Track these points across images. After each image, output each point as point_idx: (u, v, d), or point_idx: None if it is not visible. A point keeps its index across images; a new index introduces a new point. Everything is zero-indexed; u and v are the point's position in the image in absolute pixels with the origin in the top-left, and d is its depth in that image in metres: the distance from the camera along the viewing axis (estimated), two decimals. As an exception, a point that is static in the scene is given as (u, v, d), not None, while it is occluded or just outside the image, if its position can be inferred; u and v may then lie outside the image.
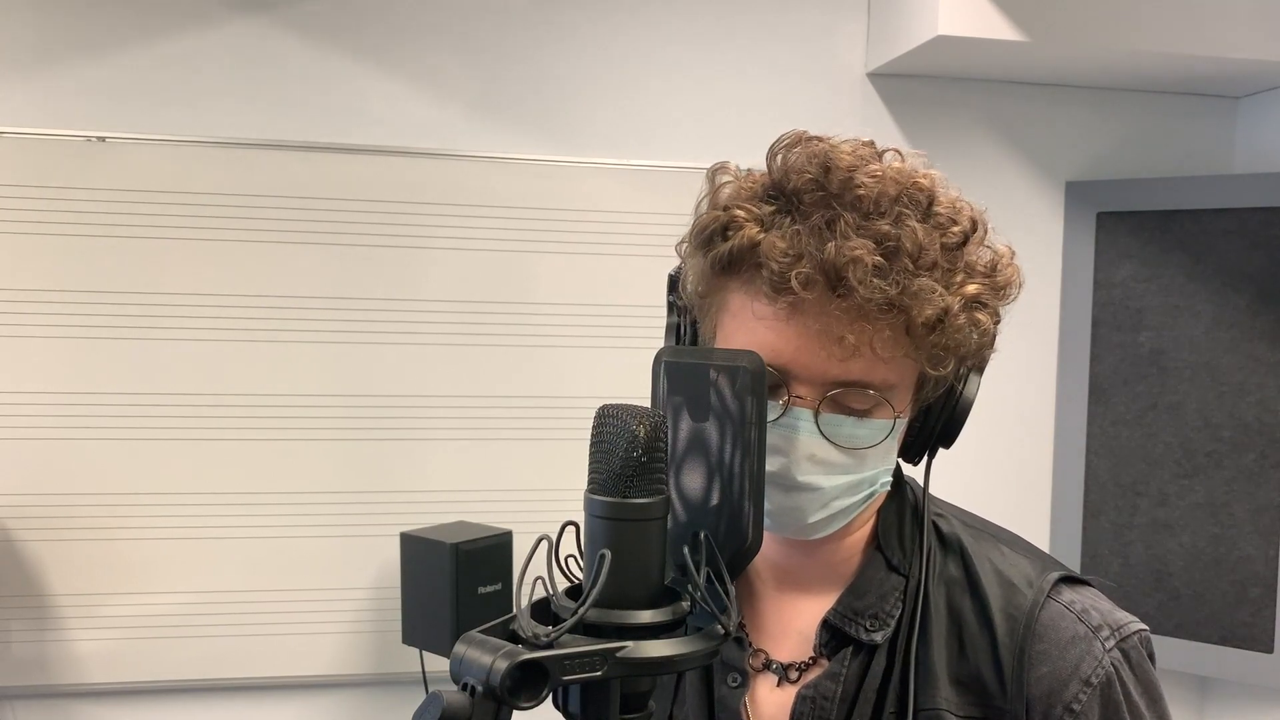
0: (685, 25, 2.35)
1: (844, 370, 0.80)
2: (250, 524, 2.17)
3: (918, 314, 0.78)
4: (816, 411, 0.81)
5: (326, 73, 2.21)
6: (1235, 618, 2.35)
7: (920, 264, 0.79)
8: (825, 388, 0.81)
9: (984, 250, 0.85)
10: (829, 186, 0.81)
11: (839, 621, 0.90)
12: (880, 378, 0.81)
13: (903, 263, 0.78)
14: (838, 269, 0.77)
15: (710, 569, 0.66)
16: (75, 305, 2.09)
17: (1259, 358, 2.35)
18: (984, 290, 0.83)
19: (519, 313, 2.25)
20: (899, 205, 0.80)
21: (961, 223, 0.83)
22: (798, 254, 0.78)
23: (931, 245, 0.80)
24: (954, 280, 0.81)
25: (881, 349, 0.79)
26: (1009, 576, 0.89)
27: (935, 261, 0.80)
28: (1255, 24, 2.23)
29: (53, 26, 2.11)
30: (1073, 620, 0.87)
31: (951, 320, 0.80)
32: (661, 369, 0.75)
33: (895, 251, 0.78)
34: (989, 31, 2.14)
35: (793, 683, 0.91)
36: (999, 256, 0.85)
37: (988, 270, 0.84)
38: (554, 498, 2.17)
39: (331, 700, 2.28)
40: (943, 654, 0.87)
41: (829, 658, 0.90)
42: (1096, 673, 0.85)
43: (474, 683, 0.57)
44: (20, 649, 2.12)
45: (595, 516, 0.63)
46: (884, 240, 0.78)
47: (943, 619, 0.89)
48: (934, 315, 0.79)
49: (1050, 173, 2.53)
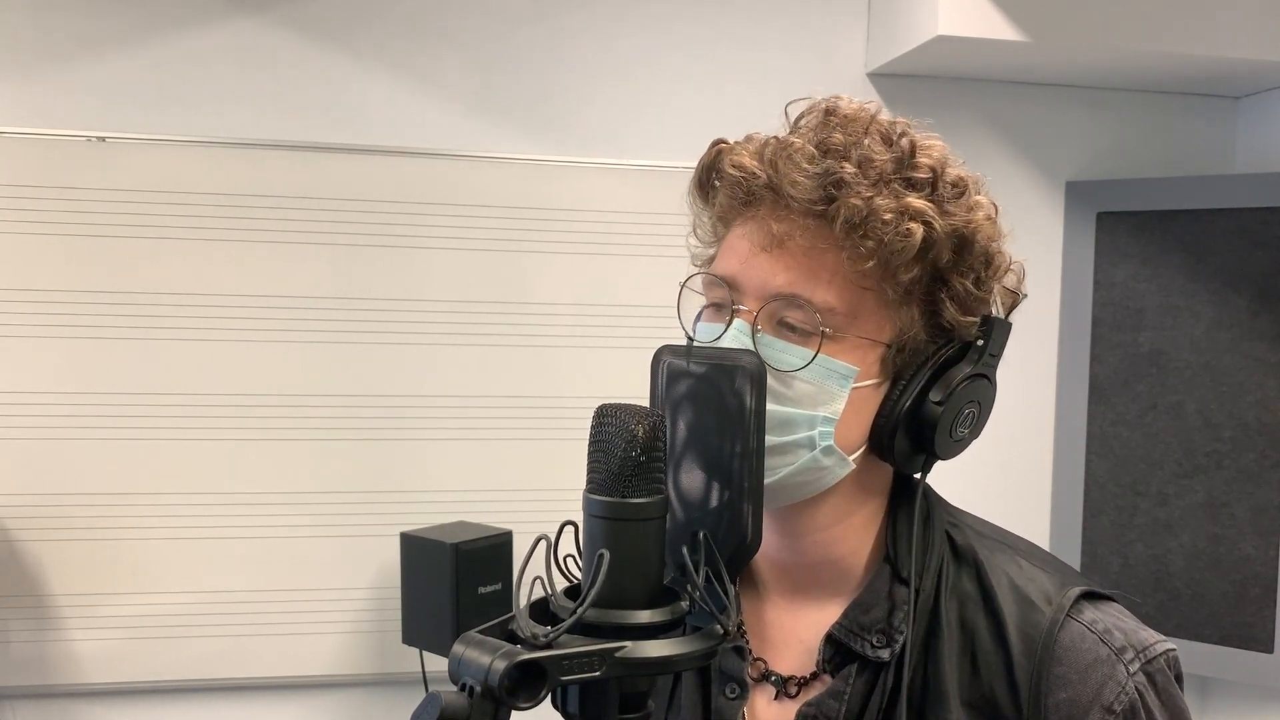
0: (685, 25, 2.35)
1: (785, 282, 0.78)
2: (250, 524, 2.17)
3: (842, 203, 0.76)
4: (755, 327, 0.78)
5: (326, 73, 2.21)
6: (1235, 618, 2.35)
7: (865, 172, 0.77)
8: (765, 300, 0.79)
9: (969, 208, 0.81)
10: (813, 118, 0.83)
11: (844, 636, 0.85)
12: (820, 298, 0.78)
13: (841, 164, 0.77)
14: (776, 165, 0.78)
15: (709, 569, 0.66)
16: (75, 305, 2.09)
17: (1259, 358, 2.35)
18: (933, 210, 0.77)
19: (518, 313, 2.25)
20: (869, 134, 0.80)
21: (937, 168, 0.79)
22: (754, 166, 0.80)
23: (885, 164, 0.78)
24: (898, 192, 0.77)
25: (803, 238, 0.77)
26: (1026, 592, 0.83)
27: (883, 175, 0.77)
28: (1255, 24, 2.23)
29: (53, 26, 2.11)
30: (1094, 641, 0.81)
31: (878, 216, 0.76)
32: (660, 368, 0.75)
33: (837, 153, 0.78)
34: (989, 31, 2.14)
35: (791, 697, 0.87)
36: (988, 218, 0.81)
37: (962, 209, 0.79)
38: (554, 498, 2.16)
39: (331, 700, 2.28)
40: (954, 674, 0.82)
41: (832, 674, 0.85)
42: (1120, 699, 0.79)
43: (472, 683, 0.57)
44: (20, 649, 2.12)
45: (594, 516, 0.63)
46: (829, 145, 0.78)
47: (955, 636, 0.83)
48: (861, 208, 0.76)
49: (1050, 173, 2.53)
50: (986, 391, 0.84)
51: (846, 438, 0.81)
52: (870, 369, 0.80)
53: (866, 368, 0.80)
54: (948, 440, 0.82)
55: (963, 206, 0.80)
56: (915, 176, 0.79)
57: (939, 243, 0.78)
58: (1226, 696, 2.56)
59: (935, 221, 0.77)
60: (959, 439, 0.84)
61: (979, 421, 0.85)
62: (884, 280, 0.78)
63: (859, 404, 0.80)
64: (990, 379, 0.84)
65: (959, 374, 0.81)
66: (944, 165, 0.81)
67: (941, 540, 0.87)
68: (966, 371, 0.81)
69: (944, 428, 0.81)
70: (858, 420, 0.81)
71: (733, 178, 0.81)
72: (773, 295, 0.79)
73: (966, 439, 0.85)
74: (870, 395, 0.81)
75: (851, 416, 0.80)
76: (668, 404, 0.73)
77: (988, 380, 0.83)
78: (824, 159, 0.78)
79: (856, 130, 0.80)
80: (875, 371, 0.80)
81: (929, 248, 0.78)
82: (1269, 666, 2.32)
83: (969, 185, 0.82)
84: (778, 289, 0.79)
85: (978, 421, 0.85)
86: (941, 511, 0.89)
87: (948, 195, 0.80)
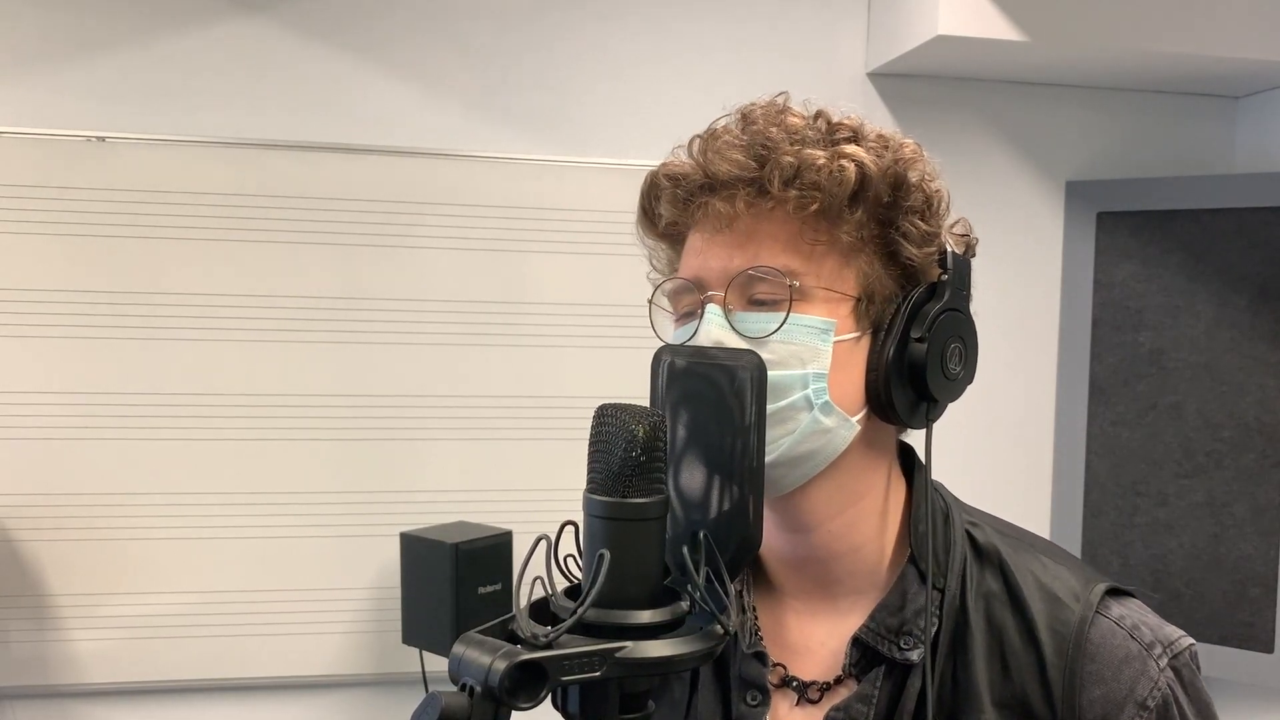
0: (685, 25, 2.35)
1: (744, 258, 0.80)
2: (250, 524, 2.17)
3: (773, 163, 0.79)
4: (727, 308, 0.80)
5: (326, 73, 2.21)
6: (1235, 618, 2.35)
7: (790, 136, 0.81)
8: (729, 281, 0.81)
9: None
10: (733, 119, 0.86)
11: (871, 639, 0.84)
12: (780, 262, 0.80)
13: (766, 130, 0.81)
14: (706, 154, 0.82)
15: (710, 569, 0.66)
16: (75, 305, 2.09)
17: (1259, 358, 2.35)
18: (862, 151, 0.80)
19: (519, 313, 2.25)
20: (786, 113, 0.84)
21: (856, 127, 0.83)
22: (686, 166, 0.84)
23: (805, 128, 0.82)
24: (825, 143, 0.81)
25: (748, 211, 0.80)
26: (1053, 590, 0.83)
27: (806, 138, 0.81)
28: (1255, 24, 2.23)
29: (53, 26, 2.11)
30: (1124, 637, 0.82)
31: (810, 163, 0.79)
32: (660, 368, 0.75)
33: (760, 127, 0.82)
34: (989, 31, 2.14)
35: (813, 703, 0.86)
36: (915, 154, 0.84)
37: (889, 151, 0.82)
38: (554, 498, 2.16)
39: (331, 700, 2.28)
40: (984, 674, 0.81)
41: (859, 678, 0.84)
42: (1153, 695, 0.80)
43: (472, 683, 0.57)
44: (20, 649, 2.12)
45: (594, 516, 0.63)
46: (751, 121, 0.83)
47: (983, 636, 0.82)
48: (792, 161, 0.79)
49: (1050, 173, 2.53)
50: (965, 326, 0.84)
51: (842, 396, 0.81)
52: (846, 322, 0.81)
53: (842, 320, 0.81)
54: (941, 379, 0.82)
55: (889, 149, 0.83)
56: (837, 136, 0.82)
57: (874, 180, 0.80)
58: (1226, 696, 2.56)
59: (865, 159, 0.80)
60: (952, 377, 0.83)
61: (968, 359, 0.85)
62: (835, 229, 0.80)
63: (845, 359, 0.81)
64: (965, 313, 0.84)
65: (933, 309, 0.82)
66: (861, 126, 0.84)
67: (962, 539, 0.86)
68: (939, 306, 0.82)
69: (934, 365, 0.81)
70: (849, 376, 0.81)
71: (668, 186, 0.84)
72: (735, 274, 0.81)
73: (960, 377, 0.84)
74: (854, 349, 0.81)
75: (841, 373, 0.80)
76: (668, 404, 0.73)
77: (963, 314, 0.84)
78: (748, 133, 0.82)
79: (773, 111, 0.84)
80: (852, 325, 0.81)
81: (866, 186, 0.80)
82: (1269, 666, 2.32)
83: (891, 137, 0.84)
84: (738, 267, 0.81)
85: (967, 359, 0.84)
86: (959, 511, 0.89)
87: (870, 141, 0.83)
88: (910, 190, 0.82)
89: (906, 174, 0.82)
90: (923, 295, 0.82)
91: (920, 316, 0.81)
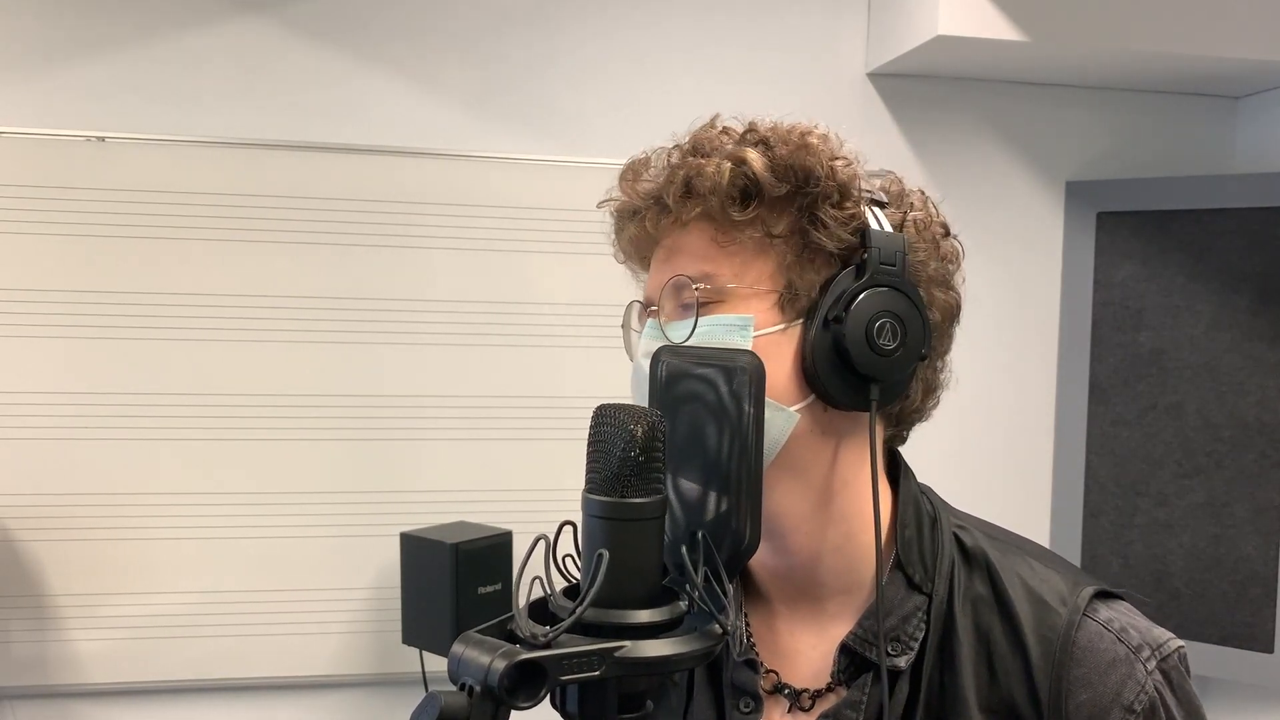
0: (685, 25, 2.35)
1: (668, 271, 0.86)
2: (250, 524, 2.17)
3: (669, 180, 0.84)
4: (660, 320, 0.85)
5: (326, 73, 2.21)
6: (1235, 618, 2.35)
7: (696, 150, 0.85)
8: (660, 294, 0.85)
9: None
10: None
11: (859, 646, 0.84)
12: (694, 269, 0.83)
13: (676, 150, 0.87)
14: (634, 181, 0.88)
15: (708, 569, 0.66)
16: (75, 305, 2.09)
17: (1259, 358, 2.35)
18: (752, 153, 0.82)
19: (518, 313, 2.25)
20: (713, 129, 0.88)
21: (768, 134, 0.85)
22: (626, 196, 0.90)
23: (715, 139, 0.86)
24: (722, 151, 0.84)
25: (668, 229, 0.85)
26: (1040, 593, 0.83)
27: (716, 148, 0.85)
28: (1255, 24, 2.23)
29: (53, 26, 2.11)
30: (1112, 641, 0.82)
31: (698, 171, 0.82)
32: (659, 368, 0.75)
33: (669, 153, 0.87)
34: (989, 31, 2.14)
35: (805, 710, 0.86)
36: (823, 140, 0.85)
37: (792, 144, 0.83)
38: (553, 498, 2.16)
39: (331, 700, 2.28)
40: (971, 679, 0.82)
41: (847, 685, 0.85)
42: (1139, 699, 0.80)
43: (472, 683, 0.57)
44: (20, 649, 2.12)
45: (593, 516, 0.63)
46: (676, 147, 0.87)
47: (970, 641, 0.83)
48: (686, 173, 0.83)
49: (1050, 173, 2.53)
50: (896, 301, 0.81)
51: (773, 387, 0.78)
52: (768, 316, 0.82)
53: (762, 315, 0.82)
54: (871, 357, 0.80)
55: (792, 143, 0.83)
56: (743, 142, 0.85)
57: (760, 176, 0.81)
58: (1226, 696, 2.56)
59: (749, 157, 0.82)
60: (885, 354, 0.80)
61: (907, 334, 0.81)
62: (740, 229, 0.82)
63: (771, 350, 0.80)
64: (897, 288, 0.81)
65: (849, 288, 0.81)
66: (783, 129, 0.85)
67: (950, 543, 0.86)
68: (857, 284, 0.80)
69: (856, 343, 0.79)
70: (777, 366, 0.81)
71: (614, 219, 0.92)
72: (663, 288, 0.85)
73: (896, 355, 0.80)
74: (781, 341, 0.81)
75: (769, 364, 0.75)
76: (666, 404, 0.73)
77: (893, 290, 0.81)
78: (659, 158, 0.88)
79: (697, 130, 0.88)
80: (776, 318, 0.82)
81: (754, 184, 0.82)
82: (1269, 666, 2.32)
83: (793, 129, 0.86)
84: (663, 281, 0.86)
85: (904, 334, 0.81)
86: (947, 514, 0.89)
87: (783, 144, 0.83)
88: (815, 179, 0.82)
89: (806, 163, 0.82)
90: (846, 278, 0.82)
91: (840, 299, 0.80)
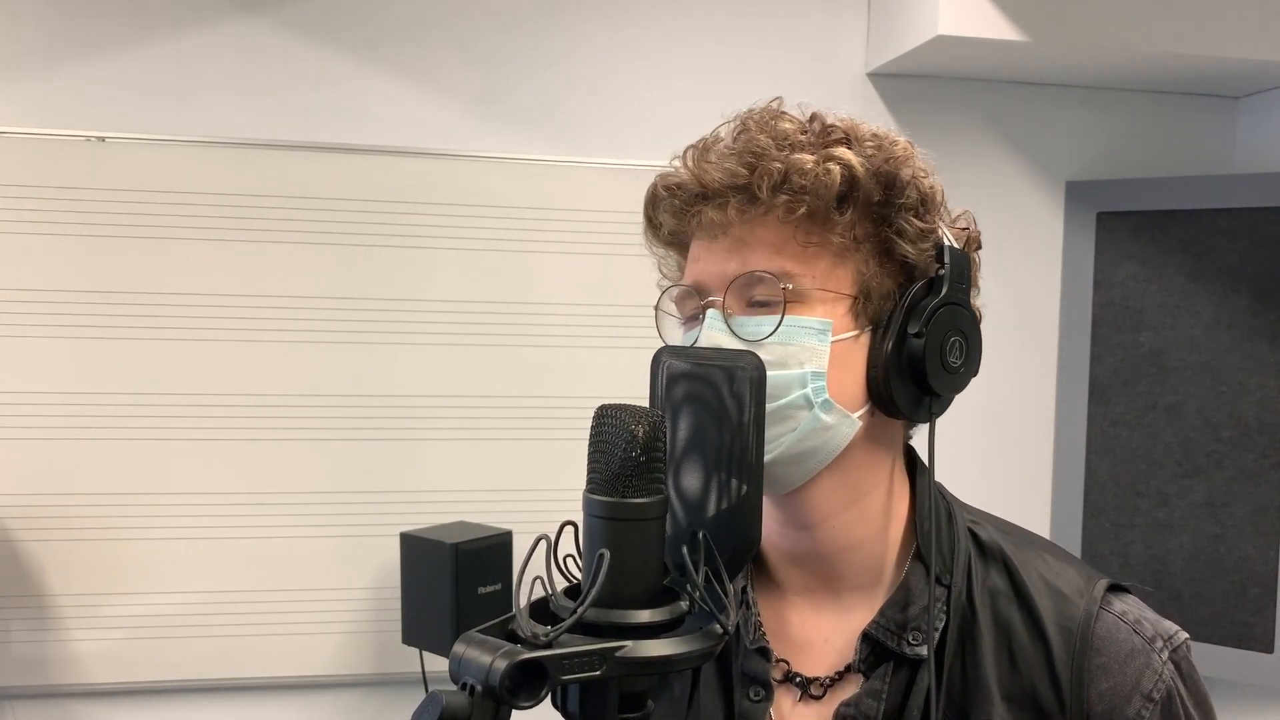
0: (685, 25, 2.35)
1: (739, 263, 0.82)
2: (250, 524, 2.17)
3: (762, 169, 0.80)
4: (726, 312, 0.82)
5: (326, 73, 2.21)
6: (1235, 618, 2.35)
7: (779, 143, 0.82)
8: (727, 286, 0.82)
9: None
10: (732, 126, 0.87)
11: (881, 635, 0.85)
12: (775, 265, 0.81)
13: (756, 138, 0.82)
14: (699, 163, 0.83)
15: (709, 568, 0.66)
16: (75, 305, 2.09)
17: (1259, 358, 2.35)
18: (850, 154, 0.81)
19: (519, 313, 2.25)
20: (780, 119, 0.84)
21: (849, 130, 0.83)
22: (682, 176, 0.85)
23: (795, 133, 0.82)
24: (814, 146, 0.82)
25: (741, 218, 0.81)
26: (1058, 586, 0.86)
27: (797, 143, 0.82)
28: (1255, 24, 2.23)
29: (53, 26, 2.11)
30: (1128, 632, 0.84)
31: (797, 168, 0.80)
32: (660, 369, 0.75)
33: (752, 134, 0.83)
34: (989, 31, 2.14)
35: (816, 698, 0.86)
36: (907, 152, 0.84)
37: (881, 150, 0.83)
38: (554, 498, 2.16)
39: (331, 700, 2.28)
40: (993, 669, 0.83)
41: (866, 674, 0.85)
42: (1158, 687, 0.83)
43: (473, 682, 0.57)
44: (20, 649, 2.12)
45: (594, 516, 0.63)
46: (745, 129, 0.84)
47: (990, 631, 0.84)
48: (780, 166, 0.80)
49: (1050, 173, 2.53)
50: (965, 319, 0.84)
51: (842, 393, 0.81)
52: (844, 321, 0.82)
53: (839, 320, 0.82)
54: (941, 373, 0.83)
55: (881, 149, 0.83)
56: (829, 138, 0.83)
57: (862, 181, 0.81)
58: (1226, 696, 2.56)
59: (853, 161, 0.80)
60: (953, 370, 0.83)
61: (970, 352, 0.85)
62: (827, 231, 0.81)
63: (844, 357, 0.82)
64: (965, 306, 0.84)
65: (930, 304, 0.82)
66: (855, 128, 0.85)
67: (966, 537, 0.88)
68: (937, 300, 0.82)
69: (932, 358, 0.82)
70: (848, 374, 0.82)
71: (666, 196, 0.86)
72: (731, 279, 0.82)
73: (962, 371, 0.84)
74: (853, 348, 0.82)
75: (840, 371, 0.81)
76: (667, 405, 0.74)
77: (962, 308, 0.84)
78: (739, 141, 0.83)
79: (767, 117, 0.85)
80: (850, 324, 0.82)
81: (854, 187, 0.81)
82: (1269, 666, 2.32)
83: (885, 137, 0.85)
84: (734, 272, 0.82)
85: (968, 352, 0.84)
86: (961, 510, 0.90)
87: (865, 143, 0.83)
88: (902, 188, 0.82)
89: (898, 172, 0.82)
90: (920, 290, 0.83)
91: (918, 311, 0.82)
